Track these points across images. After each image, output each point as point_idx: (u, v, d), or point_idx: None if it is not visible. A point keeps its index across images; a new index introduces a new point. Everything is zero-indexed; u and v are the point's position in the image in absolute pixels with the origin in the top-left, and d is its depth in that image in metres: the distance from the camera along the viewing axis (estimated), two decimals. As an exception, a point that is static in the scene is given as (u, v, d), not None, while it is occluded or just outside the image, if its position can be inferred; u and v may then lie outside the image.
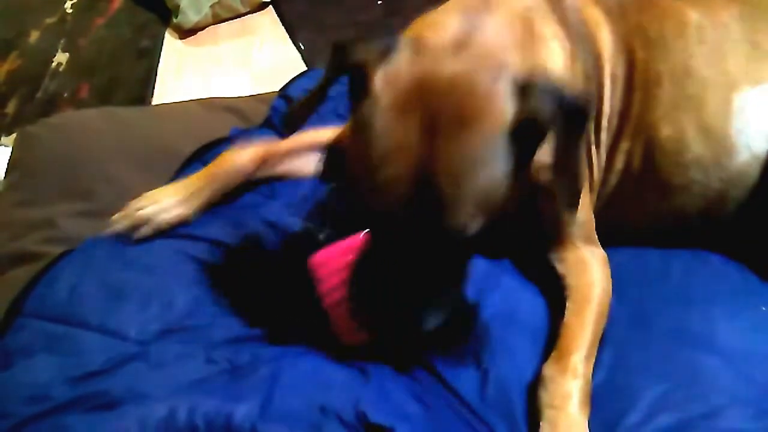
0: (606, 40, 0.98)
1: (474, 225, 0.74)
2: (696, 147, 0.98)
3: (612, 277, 0.97)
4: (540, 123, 0.74)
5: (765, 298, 0.97)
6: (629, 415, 0.83)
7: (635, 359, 0.90)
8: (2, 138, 2.03)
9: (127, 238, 1.01)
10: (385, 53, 0.75)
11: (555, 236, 0.96)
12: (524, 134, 0.74)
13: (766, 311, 0.95)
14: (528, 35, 0.87)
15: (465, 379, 0.86)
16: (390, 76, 0.74)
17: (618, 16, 1.01)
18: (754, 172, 0.98)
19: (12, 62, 2.37)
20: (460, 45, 0.78)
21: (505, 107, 0.73)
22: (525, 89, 0.74)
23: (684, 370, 0.88)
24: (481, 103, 0.73)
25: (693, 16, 1.01)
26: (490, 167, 0.73)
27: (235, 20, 2.42)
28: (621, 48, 0.99)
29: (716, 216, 1.01)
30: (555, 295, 0.95)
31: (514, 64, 0.79)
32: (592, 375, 0.87)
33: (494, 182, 0.74)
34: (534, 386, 0.85)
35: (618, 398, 0.85)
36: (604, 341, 0.91)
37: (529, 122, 0.73)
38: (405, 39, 0.79)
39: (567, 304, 0.91)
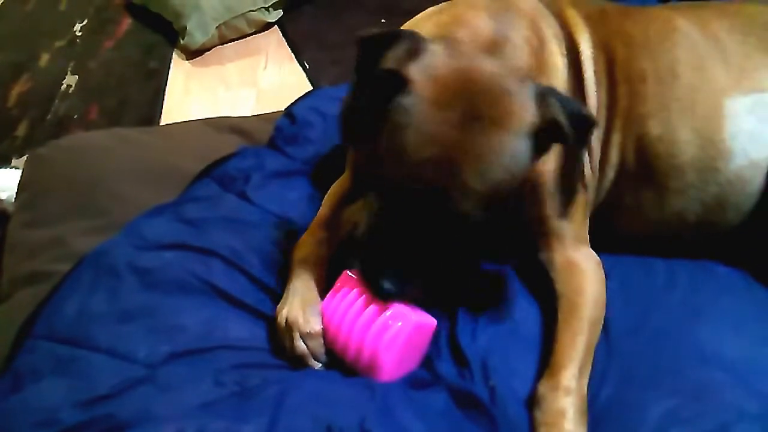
0: (584, 39, 1.01)
1: (481, 215, 0.81)
2: (689, 149, 0.98)
3: (618, 287, 0.98)
4: (557, 130, 0.80)
5: (771, 310, 0.96)
6: (638, 430, 0.83)
7: (643, 373, 0.89)
8: (13, 160, 2.05)
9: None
10: (413, 53, 0.81)
11: (544, 235, 0.97)
12: (542, 138, 0.81)
13: (773, 324, 0.94)
14: (536, 37, 0.94)
15: (475, 395, 0.86)
16: (429, 72, 0.80)
17: (597, 20, 1.04)
18: (754, 178, 0.98)
19: (23, 85, 2.40)
20: (494, 46, 0.88)
21: (528, 112, 0.80)
22: (544, 97, 0.81)
23: (692, 385, 0.87)
24: (509, 106, 0.80)
25: (681, 23, 1.03)
26: (508, 164, 0.80)
27: (240, 40, 2.44)
28: (600, 47, 1.02)
29: (716, 222, 1.01)
30: (548, 302, 0.95)
31: (530, 66, 0.89)
32: (600, 388, 0.87)
33: (507, 179, 0.81)
34: (530, 404, 0.85)
35: (626, 413, 0.85)
36: (610, 354, 0.91)
37: (548, 128, 0.81)
38: (436, 36, 0.86)
39: (558, 316, 0.91)
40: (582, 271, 0.95)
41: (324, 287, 0.94)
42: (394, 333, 0.84)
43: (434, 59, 0.81)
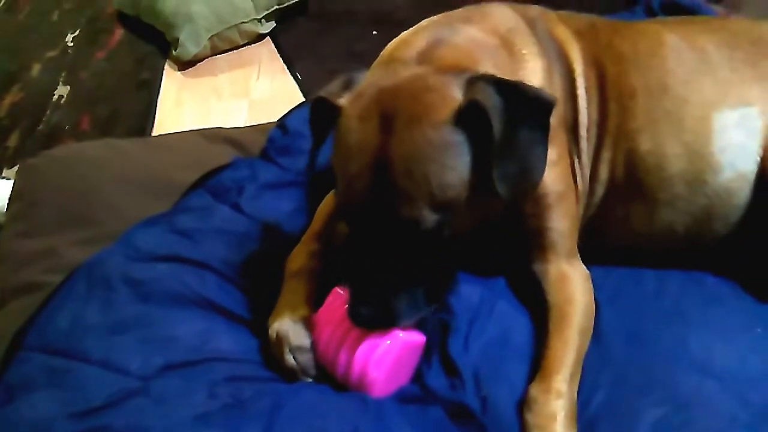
0: (576, 56, 1.02)
1: (429, 218, 0.79)
2: (678, 162, 0.99)
3: (608, 296, 0.99)
4: (482, 109, 0.77)
5: (759, 319, 0.97)
6: (630, 437, 0.83)
7: (634, 381, 0.90)
8: (4, 171, 2.04)
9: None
10: (347, 84, 0.85)
11: (539, 246, 0.97)
12: (474, 124, 0.78)
13: (761, 333, 0.95)
14: (508, 54, 0.94)
15: (468, 406, 0.86)
16: (357, 93, 0.83)
17: (588, 35, 1.05)
18: (741, 190, 0.99)
19: (14, 95, 2.39)
20: (424, 56, 0.86)
21: (452, 100, 0.79)
22: (472, 83, 0.80)
23: (683, 393, 0.88)
24: (429, 99, 0.80)
25: (670, 37, 1.04)
26: (441, 157, 0.78)
27: (233, 52, 2.46)
28: (591, 63, 1.02)
29: (704, 234, 1.03)
30: (539, 312, 0.96)
31: (472, 61, 0.87)
32: (593, 395, 0.88)
33: (447, 173, 0.79)
34: (521, 408, 0.85)
35: (619, 420, 0.86)
36: (602, 361, 0.92)
37: (474, 110, 0.78)
38: (383, 62, 0.90)
39: (548, 324, 0.92)
40: (573, 282, 0.96)
41: (316, 300, 0.94)
42: (382, 352, 0.84)
43: (363, 83, 0.85)
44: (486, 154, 0.78)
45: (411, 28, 0.98)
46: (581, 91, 1.01)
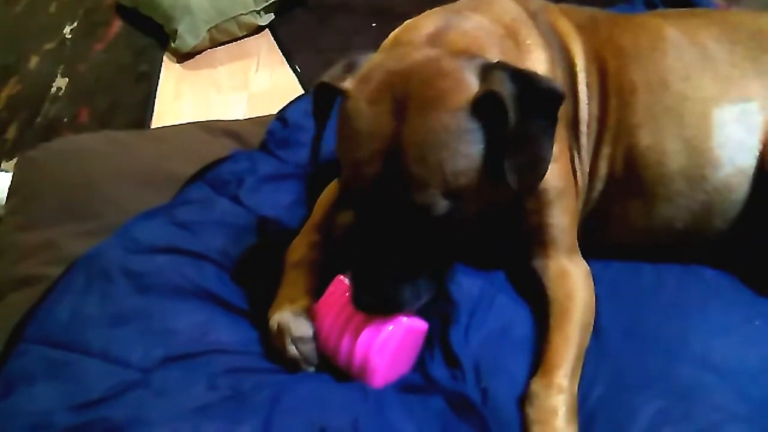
0: (578, 50, 1.01)
1: (440, 204, 0.78)
2: (678, 158, 0.99)
3: (607, 291, 0.99)
4: (499, 100, 0.76)
5: (758, 312, 0.97)
6: (630, 430, 0.83)
7: (633, 374, 0.90)
8: (3, 163, 2.04)
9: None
10: (350, 67, 0.83)
11: (539, 242, 0.97)
12: (488, 113, 0.78)
13: (759, 325, 0.95)
14: (513, 43, 0.93)
15: (468, 397, 0.86)
16: (362, 76, 0.81)
17: (589, 29, 1.04)
18: (740, 185, 0.99)
19: (12, 87, 2.39)
20: (433, 39, 0.85)
21: (467, 87, 0.78)
22: (487, 70, 0.79)
23: (682, 386, 0.88)
24: (444, 84, 0.78)
25: (670, 32, 1.03)
26: (456, 144, 0.78)
27: (232, 44, 2.45)
28: (592, 58, 1.02)
29: (703, 229, 1.03)
30: (540, 307, 0.96)
31: (480, 47, 0.86)
32: (592, 389, 0.88)
33: (461, 160, 0.78)
34: (522, 402, 0.85)
35: (617, 413, 0.86)
36: (601, 355, 0.92)
37: (489, 99, 0.77)
38: (388, 46, 0.89)
39: (549, 320, 0.92)
40: (573, 278, 0.96)
41: (316, 291, 0.94)
42: (385, 337, 0.84)
43: (368, 66, 0.83)
44: (497, 142, 0.78)
45: (417, 16, 0.97)
46: (582, 87, 1.01)
